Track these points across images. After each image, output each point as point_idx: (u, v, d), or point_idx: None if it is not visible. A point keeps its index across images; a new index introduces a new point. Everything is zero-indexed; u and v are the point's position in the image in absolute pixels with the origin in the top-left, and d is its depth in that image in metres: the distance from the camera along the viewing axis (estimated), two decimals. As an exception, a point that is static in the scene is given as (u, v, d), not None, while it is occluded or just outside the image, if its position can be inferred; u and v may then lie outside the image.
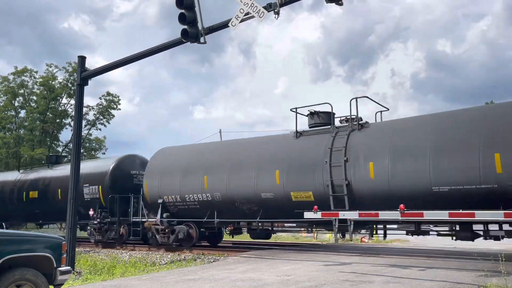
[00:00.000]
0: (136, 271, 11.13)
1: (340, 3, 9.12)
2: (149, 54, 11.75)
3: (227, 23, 10.04)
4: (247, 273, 9.17)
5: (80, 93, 12.42)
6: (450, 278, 7.77)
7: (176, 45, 11.13)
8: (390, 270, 8.97)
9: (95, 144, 43.47)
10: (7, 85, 40.43)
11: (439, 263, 10.12)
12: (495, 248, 13.84)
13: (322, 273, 8.71)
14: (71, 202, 11.82)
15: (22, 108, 41.70)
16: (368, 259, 11.15)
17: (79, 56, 12.46)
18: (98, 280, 9.84)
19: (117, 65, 12.43)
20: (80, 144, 12.64)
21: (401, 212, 11.08)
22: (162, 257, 14.10)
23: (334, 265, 9.95)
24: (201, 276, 8.94)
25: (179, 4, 10.00)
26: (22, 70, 40.99)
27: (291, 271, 9.22)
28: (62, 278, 6.28)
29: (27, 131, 40.27)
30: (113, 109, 42.86)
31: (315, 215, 12.34)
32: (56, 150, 42.37)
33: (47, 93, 39.97)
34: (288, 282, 7.79)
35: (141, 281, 8.61)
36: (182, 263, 12.66)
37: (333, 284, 7.49)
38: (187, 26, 10.14)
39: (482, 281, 7.33)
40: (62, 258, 6.34)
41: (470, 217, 10.02)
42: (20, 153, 37.55)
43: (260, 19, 9.52)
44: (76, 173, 11.99)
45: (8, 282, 5.61)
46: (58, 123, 41.20)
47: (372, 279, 7.87)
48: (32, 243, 6.11)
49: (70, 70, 39.83)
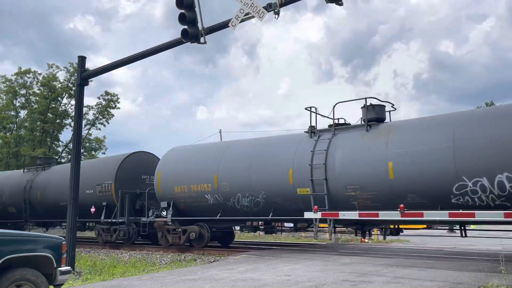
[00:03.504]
0: (136, 271, 11.13)
1: (340, 3, 9.13)
2: (149, 54, 11.75)
3: (227, 23, 10.05)
4: (247, 273, 9.17)
5: (80, 93, 12.42)
6: (450, 278, 7.76)
7: (176, 45, 11.14)
8: (390, 270, 8.97)
9: (95, 144, 43.50)
10: (8, 85, 40.51)
11: (439, 263, 10.11)
12: (495, 248, 13.84)
13: (322, 273, 8.71)
14: (71, 202, 11.82)
15: (23, 108, 41.76)
16: (368, 259, 11.15)
17: (79, 56, 12.47)
18: (98, 280, 9.84)
19: (117, 65, 12.43)
20: (80, 144, 12.64)
21: (401, 212, 11.13)
22: (162, 257, 14.10)
23: (334, 265, 9.94)
24: (201, 276, 8.94)
25: (179, 4, 10.01)
26: (25, 71, 41.07)
27: (291, 271, 9.22)
28: (62, 278, 6.28)
29: (28, 131, 40.31)
30: (112, 108, 42.91)
31: (315, 215, 12.38)
32: (56, 150, 42.44)
33: (48, 94, 40.01)
34: (288, 282, 7.79)
35: (141, 281, 8.60)
36: (182, 263, 12.66)
37: (333, 284, 7.49)
38: (187, 26, 10.15)
39: (482, 281, 7.32)
40: (62, 258, 6.35)
41: (470, 217, 10.04)
42: (20, 153, 37.57)
43: (260, 19, 9.53)
44: (76, 173, 11.98)
45: (8, 282, 5.62)
46: (59, 123, 41.24)
47: (372, 279, 7.87)
48: (32, 243, 6.12)
49: (71, 71, 39.87)
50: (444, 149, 10.46)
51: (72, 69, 39.30)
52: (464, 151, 10.18)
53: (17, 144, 39.24)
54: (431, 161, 10.59)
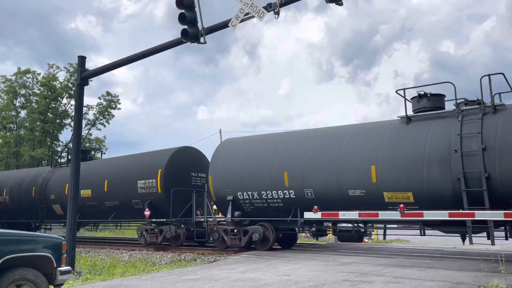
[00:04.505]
0: (136, 271, 11.12)
1: (340, 3, 9.13)
2: (149, 54, 11.74)
3: (227, 23, 10.05)
4: (247, 273, 9.17)
5: (80, 93, 12.41)
6: (450, 278, 7.76)
7: (176, 45, 11.14)
8: (390, 270, 8.97)
9: (95, 144, 43.52)
10: (9, 85, 40.55)
11: (439, 263, 10.11)
12: (495, 248, 13.82)
13: (322, 273, 8.71)
14: (71, 202, 11.81)
15: (23, 108, 41.79)
16: (368, 259, 11.14)
17: (79, 56, 12.46)
18: (98, 280, 9.84)
19: (117, 65, 12.43)
20: (80, 144, 12.63)
21: (401, 212, 11.13)
22: (162, 257, 14.10)
23: (334, 265, 9.94)
24: (201, 276, 8.94)
25: (179, 4, 10.01)
26: (25, 71, 41.11)
27: (291, 271, 9.22)
28: (62, 278, 6.28)
29: (28, 131, 40.34)
30: (113, 109, 42.96)
31: (315, 215, 12.36)
32: (56, 150, 42.47)
33: (48, 93, 40.03)
34: (288, 282, 7.79)
35: (141, 281, 8.61)
36: (182, 263, 12.65)
37: (333, 284, 7.49)
38: (187, 26, 10.15)
39: (482, 281, 7.32)
40: (62, 258, 6.34)
41: (470, 217, 10.04)
42: (20, 153, 37.60)
43: (260, 19, 9.53)
44: (76, 173, 11.97)
45: (8, 282, 5.61)
46: (59, 123, 41.26)
47: (372, 279, 7.87)
48: (32, 243, 6.12)
49: (71, 70, 39.89)
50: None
51: (72, 69, 39.33)
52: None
53: (17, 144, 39.27)
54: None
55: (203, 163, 17.14)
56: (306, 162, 12.86)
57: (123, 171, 17.97)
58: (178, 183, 16.07)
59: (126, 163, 18.49)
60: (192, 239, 15.92)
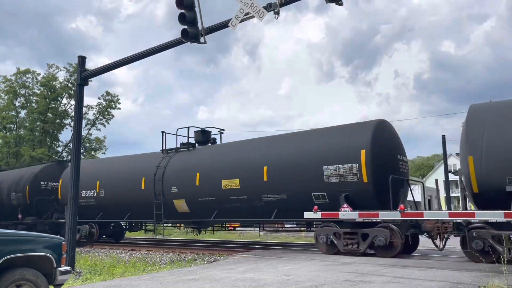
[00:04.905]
0: (136, 271, 11.12)
1: (340, 3, 9.13)
2: (149, 54, 11.74)
3: (227, 23, 10.05)
4: (247, 273, 9.16)
5: (80, 93, 12.41)
6: (450, 278, 7.76)
7: (176, 45, 11.13)
8: (390, 270, 8.97)
9: (95, 144, 43.55)
10: (9, 85, 40.58)
11: (439, 263, 10.11)
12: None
13: (322, 273, 8.71)
14: (71, 202, 11.80)
15: (23, 108, 41.81)
16: (368, 259, 11.14)
17: (79, 56, 12.45)
18: (98, 280, 9.84)
19: (117, 65, 12.42)
20: (80, 144, 12.62)
21: (401, 212, 11.14)
22: (162, 257, 14.10)
23: (334, 265, 9.94)
24: (201, 276, 8.94)
25: (179, 4, 10.01)
26: (25, 71, 41.14)
27: (291, 271, 9.22)
28: (62, 278, 6.28)
29: (28, 131, 40.36)
30: (113, 109, 42.99)
31: (315, 215, 12.39)
32: (56, 150, 42.49)
33: (47, 93, 40.05)
34: (288, 282, 7.78)
35: (141, 281, 8.60)
36: (182, 263, 12.65)
37: (333, 284, 7.49)
38: (187, 26, 10.15)
39: (482, 281, 7.32)
40: (62, 258, 6.34)
41: (470, 217, 10.05)
42: (20, 153, 37.61)
43: (260, 19, 9.53)
44: (76, 173, 11.96)
45: (8, 282, 5.61)
46: (59, 123, 41.28)
47: (372, 279, 7.86)
48: (32, 243, 6.11)
49: (71, 70, 39.91)
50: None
51: (72, 69, 39.35)
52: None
53: (17, 144, 39.29)
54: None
55: (402, 144, 13.78)
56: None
57: (296, 153, 13.53)
58: (387, 170, 12.16)
59: (301, 142, 13.87)
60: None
